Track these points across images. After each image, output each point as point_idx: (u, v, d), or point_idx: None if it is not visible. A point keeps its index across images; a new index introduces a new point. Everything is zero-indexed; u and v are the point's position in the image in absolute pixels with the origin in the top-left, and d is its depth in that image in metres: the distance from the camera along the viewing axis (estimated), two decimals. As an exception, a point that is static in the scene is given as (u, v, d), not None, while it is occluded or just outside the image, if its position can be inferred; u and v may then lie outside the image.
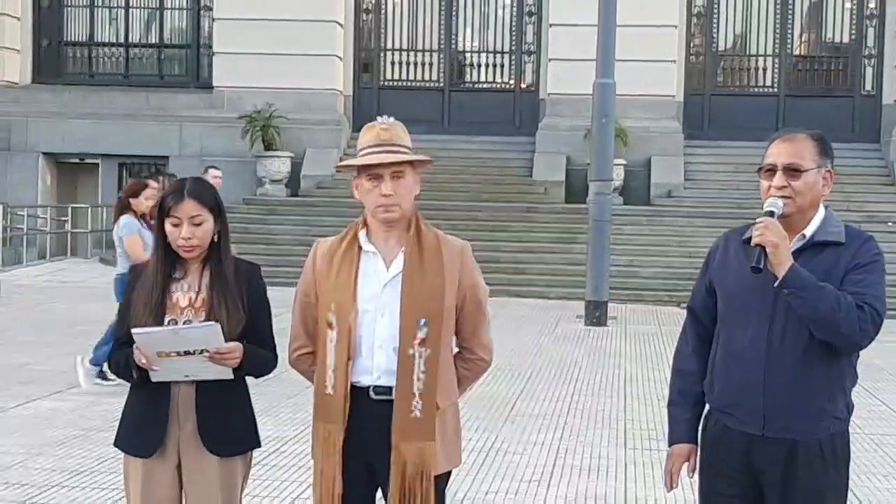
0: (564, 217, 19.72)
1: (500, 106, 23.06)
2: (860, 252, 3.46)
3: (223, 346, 3.64)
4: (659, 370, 11.15)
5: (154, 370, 3.66)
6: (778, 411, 3.43)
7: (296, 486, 6.58)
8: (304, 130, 21.97)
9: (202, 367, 3.66)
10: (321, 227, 18.39)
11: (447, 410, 3.66)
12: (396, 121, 3.68)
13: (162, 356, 3.63)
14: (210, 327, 3.64)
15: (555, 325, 14.67)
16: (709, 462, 3.61)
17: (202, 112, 22.69)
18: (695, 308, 3.73)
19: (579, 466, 7.30)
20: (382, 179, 3.57)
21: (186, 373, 3.69)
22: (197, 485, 3.78)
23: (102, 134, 22.60)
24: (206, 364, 3.66)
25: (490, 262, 15.84)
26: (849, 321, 3.33)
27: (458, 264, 3.66)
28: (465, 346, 3.77)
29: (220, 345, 3.64)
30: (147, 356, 3.64)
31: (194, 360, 3.65)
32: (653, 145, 21.46)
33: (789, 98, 22.59)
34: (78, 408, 8.67)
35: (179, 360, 3.65)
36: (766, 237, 3.36)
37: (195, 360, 3.65)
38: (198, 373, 3.69)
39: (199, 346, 3.64)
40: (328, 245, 3.71)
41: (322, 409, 3.63)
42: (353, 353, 3.58)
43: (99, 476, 6.70)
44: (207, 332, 3.63)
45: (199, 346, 3.64)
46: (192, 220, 3.74)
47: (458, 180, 20.60)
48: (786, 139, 3.54)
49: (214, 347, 3.63)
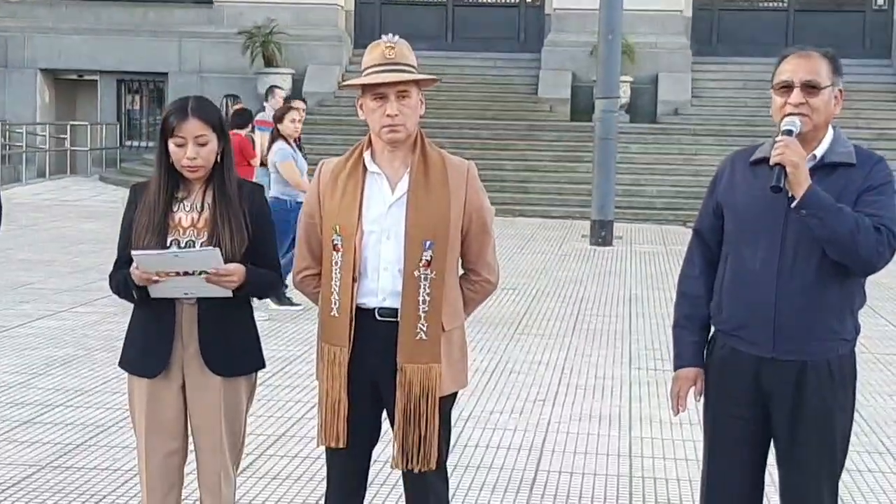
0: (569, 135, 19.58)
1: (504, 21, 22.79)
2: (872, 173, 3.40)
3: (222, 267, 3.58)
4: (664, 290, 11.13)
5: (155, 280, 3.60)
6: (789, 333, 3.40)
7: (300, 406, 6.58)
8: (304, 46, 21.75)
9: (202, 286, 3.62)
10: (324, 145, 18.29)
11: (453, 332, 3.64)
12: (401, 39, 3.59)
13: (161, 276, 3.59)
14: (210, 251, 3.59)
15: (560, 244, 14.63)
16: (715, 385, 3.58)
17: (201, 27, 22.44)
18: (702, 230, 3.67)
19: (584, 386, 7.30)
20: (387, 99, 3.50)
21: (186, 290, 3.64)
22: (200, 405, 3.76)
23: (100, 50, 22.38)
24: (205, 283, 3.62)
25: (494, 182, 15.73)
26: (867, 243, 3.28)
27: (464, 185, 3.61)
28: (471, 267, 3.73)
29: (220, 267, 3.58)
30: (146, 276, 3.58)
31: (194, 279, 3.61)
32: (660, 62, 21.25)
33: (799, 13, 22.29)
34: (79, 327, 8.66)
35: (179, 279, 3.60)
36: (786, 156, 3.28)
37: (195, 279, 3.61)
38: (197, 290, 3.65)
39: (199, 268, 3.59)
40: (333, 165, 3.65)
41: (327, 331, 3.59)
42: (357, 274, 3.53)
43: (102, 396, 6.70)
44: (207, 256, 3.58)
45: (199, 268, 3.59)
46: (196, 140, 3.67)
47: (462, 98, 20.42)
48: (801, 55, 3.45)
49: (214, 268, 3.57)
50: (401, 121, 3.51)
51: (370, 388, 3.60)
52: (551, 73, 21.35)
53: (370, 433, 3.68)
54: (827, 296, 3.38)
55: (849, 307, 3.45)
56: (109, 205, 17.08)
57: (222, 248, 3.62)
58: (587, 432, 6.27)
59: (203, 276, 3.60)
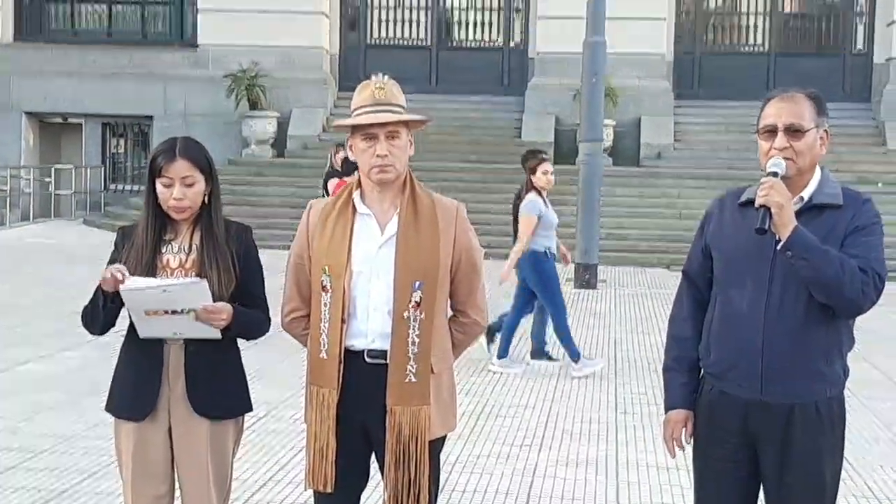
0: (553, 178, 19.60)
1: (488, 65, 22.92)
2: (859, 214, 3.42)
3: (210, 304, 3.57)
4: (649, 333, 11.14)
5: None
6: (777, 375, 3.40)
7: (287, 450, 6.54)
8: (290, 89, 21.81)
9: (191, 326, 3.61)
10: (308, 188, 18.27)
11: (442, 374, 3.63)
12: (391, 79, 3.61)
13: (150, 314, 3.57)
14: (197, 284, 3.58)
15: (544, 286, 14.59)
16: (704, 427, 3.58)
17: (186, 70, 22.49)
18: (690, 272, 3.68)
19: (570, 430, 7.27)
20: (377, 139, 3.52)
21: (175, 329, 3.63)
22: (187, 448, 3.74)
23: (85, 93, 22.39)
24: (194, 322, 3.60)
25: (479, 224, 15.57)
26: (853, 285, 3.29)
27: (453, 226, 3.61)
28: (460, 308, 3.73)
29: (208, 302, 3.57)
30: (133, 314, 3.57)
31: (183, 318, 3.60)
32: (642, 105, 21.39)
33: (780, 57, 22.50)
34: (65, 372, 8.60)
35: (167, 318, 3.59)
36: (771, 198, 3.30)
37: (184, 318, 3.60)
38: (186, 330, 3.63)
39: (187, 305, 3.58)
40: (322, 206, 3.66)
41: (316, 373, 3.58)
42: (347, 315, 3.53)
43: (88, 441, 6.64)
44: (195, 290, 3.57)
45: (187, 305, 3.58)
46: (183, 181, 3.68)
47: (446, 140, 20.48)
48: (785, 98, 3.47)
49: (202, 305, 3.56)
50: (390, 161, 3.52)
51: (359, 431, 3.58)
52: (535, 116, 21.46)
53: (359, 477, 3.67)
54: (814, 338, 3.38)
55: (837, 349, 3.45)
56: (94, 248, 17.01)
57: (210, 289, 3.62)
58: (574, 477, 6.24)
59: (191, 314, 3.59)
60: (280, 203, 18.69)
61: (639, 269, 16.67)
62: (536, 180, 9.30)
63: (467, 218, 3.68)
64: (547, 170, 9.29)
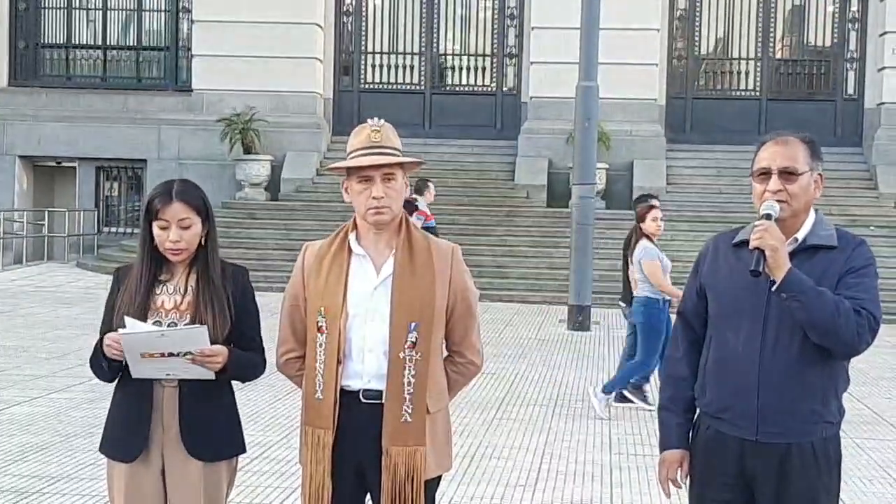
0: (546, 221, 19.69)
1: (481, 109, 23.03)
2: (854, 256, 3.43)
3: (207, 347, 3.57)
4: (643, 374, 11.12)
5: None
6: (772, 415, 3.41)
7: (280, 491, 6.50)
8: (283, 134, 21.88)
9: (185, 367, 3.60)
10: (301, 231, 18.33)
11: (438, 415, 3.63)
12: (387, 123, 3.64)
13: (145, 356, 3.57)
14: (196, 329, 3.58)
15: (538, 329, 14.63)
16: (700, 467, 3.58)
17: (180, 115, 22.57)
18: (685, 313, 3.69)
19: (565, 471, 7.25)
20: (373, 182, 3.54)
21: (168, 371, 3.63)
22: (180, 490, 3.72)
23: (79, 137, 22.44)
24: (189, 364, 3.60)
25: (472, 267, 15.44)
26: (848, 327, 3.30)
27: (449, 267, 3.63)
28: (456, 349, 3.73)
29: (206, 346, 3.57)
30: (128, 355, 3.57)
31: (178, 360, 3.60)
32: (635, 149, 21.48)
33: (771, 102, 22.64)
34: (56, 413, 8.56)
35: (162, 360, 3.59)
36: (765, 240, 3.32)
37: (179, 360, 3.60)
38: (180, 372, 3.63)
39: (184, 348, 3.58)
40: (317, 248, 3.67)
41: (311, 414, 3.58)
42: (342, 356, 3.53)
43: (79, 483, 6.60)
44: (193, 335, 3.57)
45: (184, 348, 3.58)
46: (180, 224, 3.69)
47: (440, 184, 20.40)
48: (779, 142, 3.50)
49: (199, 349, 3.56)
50: (386, 203, 3.54)
51: (354, 472, 3.58)
52: (528, 159, 21.54)
53: (354, 518, 3.66)
54: (809, 378, 3.39)
55: (832, 390, 3.45)
56: (87, 291, 17.01)
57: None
58: (569, 518, 6.22)
59: (188, 356, 3.59)
60: (274, 246, 18.71)
61: (632, 311, 16.65)
62: (646, 227, 9.35)
63: (463, 260, 3.70)
64: (656, 216, 9.35)
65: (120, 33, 24.22)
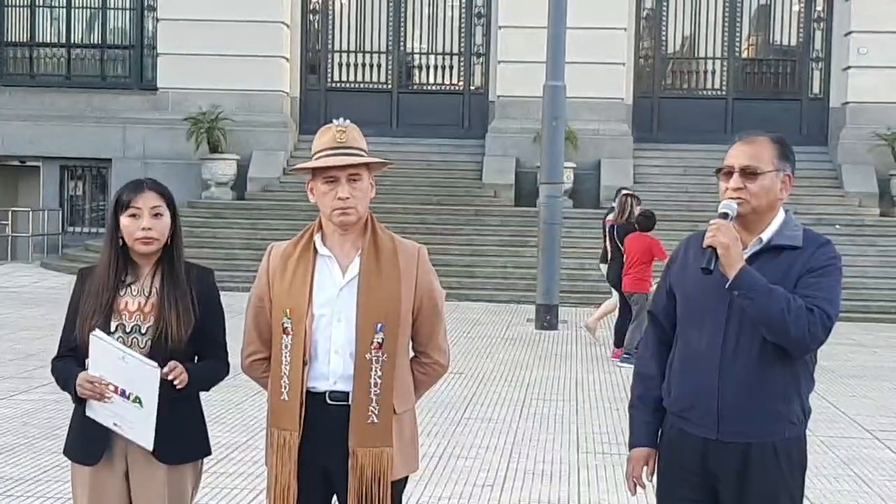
0: (514, 220, 19.72)
1: (448, 108, 23.03)
2: (815, 256, 3.45)
3: (173, 368, 3.57)
4: (610, 373, 11.17)
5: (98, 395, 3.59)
6: (732, 414, 3.42)
7: (246, 493, 6.47)
8: (250, 133, 21.79)
9: (130, 424, 3.60)
10: (268, 230, 18.27)
11: (404, 416, 3.63)
12: (352, 123, 3.62)
13: (106, 395, 3.56)
14: (151, 369, 3.56)
15: (505, 328, 14.64)
16: (666, 466, 3.60)
17: (145, 114, 22.43)
18: (655, 312, 3.71)
19: (532, 471, 7.25)
20: (339, 182, 3.53)
21: (116, 420, 3.62)
22: (145, 493, 3.69)
23: (43, 136, 22.26)
24: (134, 422, 3.59)
25: (440, 266, 15.60)
26: (798, 324, 3.31)
27: (415, 268, 3.63)
28: (422, 350, 3.73)
29: (154, 391, 3.56)
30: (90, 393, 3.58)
31: (128, 409, 3.58)
32: (602, 148, 21.55)
33: (737, 101, 22.76)
34: (20, 415, 8.48)
35: (115, 404, 3.58)
36: (717, 239, 3.36)
37: (129, 408, 3.58)
38: (125, 427, 3.62)
39: (136, 387, 3.56)
40: (283, 249, 3.65)
41: (277, 415, 3.56)
42: (308, 358, 3.52)
43: (44, 485, 6.54)
44: (147, 372, 3.56)
45: (136, 387, 3.56)
46: (152, 211, 3.67)
47: (407, 183, 20.53)
48: (746, 141, 3.53)
49: (151, 392, 3.55)
50: (352, 204, 3.53)
51: (320, 474, 3.57)
52: (495, 158, 21.57)
53: (319, 519, 3.64)
54: (771, 378, 3.41)
55: (795, 390, 3.46)
56: (51, 291, 16.86)
57: (169, 333, 3.59)
58: (537, 517, 6.22)
59: (136, 406, 3.56)
60: (240, 245, 18.63)
61: (599, 310, 16.70)
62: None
63: (429, 260, 3.69)
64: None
65: (84, 31, 24.03)
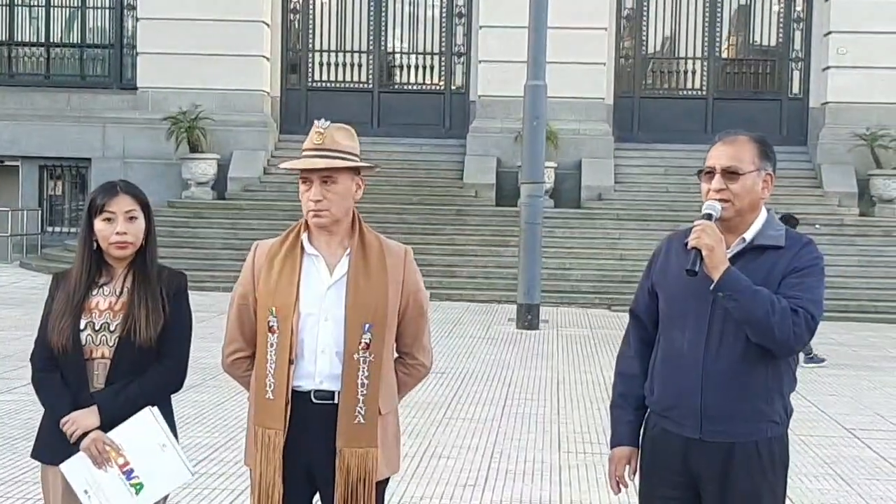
0: (495, 220, 19.73)
1: (429, 108, 23.01)
2: (798, 256, 3.46)
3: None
4: (591, 373, 11.18)
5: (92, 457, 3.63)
6: (715, 414, 3.43)
7: (227, 493, 6.45)
8: (230, 132, 21.72)
9: (105, 501, 3.60)
10: (249, 230, 18.21)
11: (388, 416, 3.63)
12: (341, 125, 3.61)
13: (109, 461, 3.61)
14: (185, 473, 3.69)
15: (487, 328, 14.64)
16: (648, 465, 3.60)
17: (125, 113, 22.32)
18: (637, 311, 3.71)
19: (513, 470, 7.25)
20: (312, 184, 3.51)
21: (90, 490, 3.61)
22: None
23: (22, 135, 22.13)
24: (109, 495, 3.59)
25: (421, 266, 15.50)
26: (783, 325, 3.32)
27: (402, 269, 3.63)
28: (407, 351, 3.73)
29: (160, 492, 3.67)
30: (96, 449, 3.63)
31: (117, 493, 3.60)
32: (583, 148, 21.57)
33: (718, 101, 22.82)
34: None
35: (108, 477, 3.60)
36: (701, 240, 3.36)
37: (119, 493, 3.59)
38: (97, 496, 3.60)
39: (148, 477, 3.61)
40: (268, 247, 3.64)
41: (261, 414, 3.55)
42: (294, 357, 3.51)
43: (22, 486, 6.50)
44: (175, 472, 3.67)
45: (148, 477, 3.61)
46: (126, 215, 3.66)
47: (388, 183, 20.50)
48: (726, 142, 3.53)
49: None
50: (325, 206, 3.51)
51: (303, 472, 3.56)
52: (476, 158, 21.56)
53: (304, 519, 3.63)
54: (753, 378, 3.41)
55: (777, 389, 3.47)
56: (30, 291, 16.76)
57: (137, 329, 3.59)
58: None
59: (131, 492, 3.58)
60: (221, 245, 18.57)
61: (580, 309, 16.75)
62: None
63: (414, 261, 3.70)
64: None
65: (64, 30, 23.89)
